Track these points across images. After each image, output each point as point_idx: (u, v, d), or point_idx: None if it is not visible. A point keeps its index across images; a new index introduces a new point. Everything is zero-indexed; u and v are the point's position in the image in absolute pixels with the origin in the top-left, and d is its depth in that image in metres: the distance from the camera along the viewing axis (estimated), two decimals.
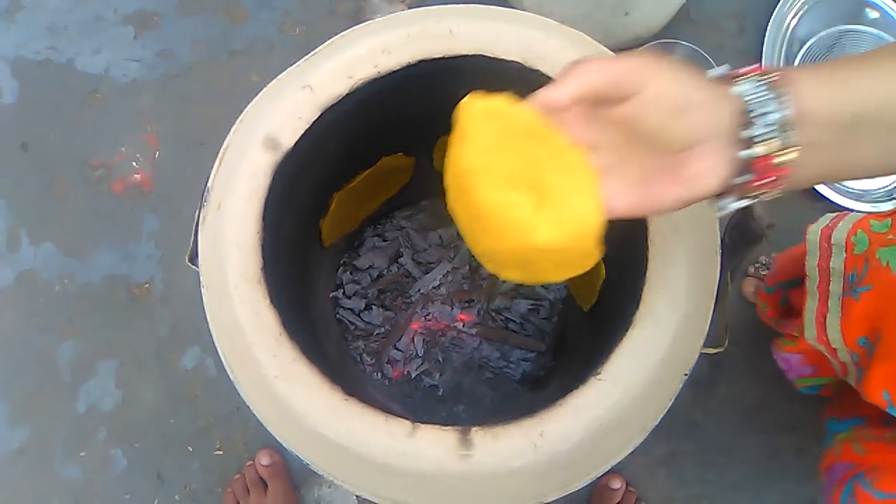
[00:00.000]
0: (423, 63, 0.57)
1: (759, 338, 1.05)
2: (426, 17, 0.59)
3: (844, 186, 1.06)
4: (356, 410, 0.52)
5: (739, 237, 0.62)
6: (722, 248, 0.58)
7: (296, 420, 0.53)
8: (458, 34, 0.57)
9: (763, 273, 1.05)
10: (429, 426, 0.51)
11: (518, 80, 0.59)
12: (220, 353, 0.57)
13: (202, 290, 0.58)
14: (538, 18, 0.59)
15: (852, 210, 1.05)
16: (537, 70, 0.57)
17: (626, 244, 0.64)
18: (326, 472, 0.55)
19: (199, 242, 0.59)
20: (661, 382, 0.54)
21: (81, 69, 1.13)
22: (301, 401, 0.52)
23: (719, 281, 0.58)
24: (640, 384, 0.53)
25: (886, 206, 1.03)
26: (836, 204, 1.05)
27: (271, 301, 0.54)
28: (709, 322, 0.57)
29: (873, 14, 1.10)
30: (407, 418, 0.52)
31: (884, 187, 1.06)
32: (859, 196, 1.05)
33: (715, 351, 0.64)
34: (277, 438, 0.56)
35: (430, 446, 0.51)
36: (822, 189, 1.05)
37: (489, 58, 0.57)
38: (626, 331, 0.54)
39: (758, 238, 0.60)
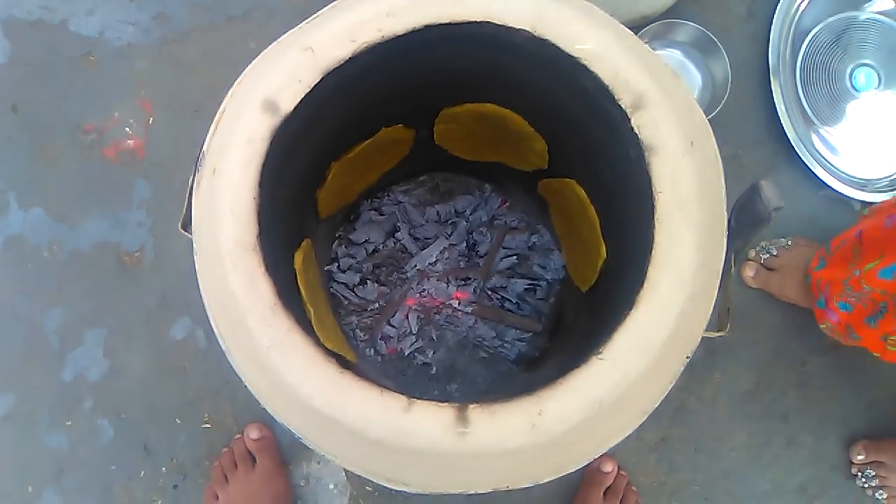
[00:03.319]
0: (429, 28, 0.55)
1: (756, 325, 1.04)
2: None
3: (847, 175, 1.05)
4: (351, 384, 0.50)
5: (746, 219, 0.61)
6: (728, 230, 0.57)
7: (288, 392, 0.51)
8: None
9: (764, 257, 1.03)
10: (425, 402, 0.50)
11: (526, 49, 0.57)
12: (212, 322, 0.56)
13: (195, 256, 0.57)
14: None
15: (853, 199, 1.04)
16: (546, 39, 0.55)
17: (629, 224, 0.63)
18: (318, 447, 0.53)
19: (193, 208, 0.57)
20: (662, 365, 0.53)
21: (75, 30, 1.10)
22: (294, 372, 0.51)
23: (724, 263, 0.57)
24: (642, 365, 0.52)
25: (889, 195, 1.03)
26: (839, 192, 1.04)
27: (266, 269, 0.52)
28: (713, 305, 0.56)
29: (886, 2, 1.09)
30: (402, 394, 0.51)
31: (887, 177, 1.05)
32: (862, 185, 1.04)
33: (717, 334, 0.63)
34: (269, 410, 0.54)
35: (426, 422, 0.50)
36: (824, 177, 1.04)
37: (497, 25, 0.55)
38: (630, 310, 0.52)
39: (765, 220, 0.59)
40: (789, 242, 1.03)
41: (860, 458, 1.01)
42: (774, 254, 1.03)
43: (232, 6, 1.10)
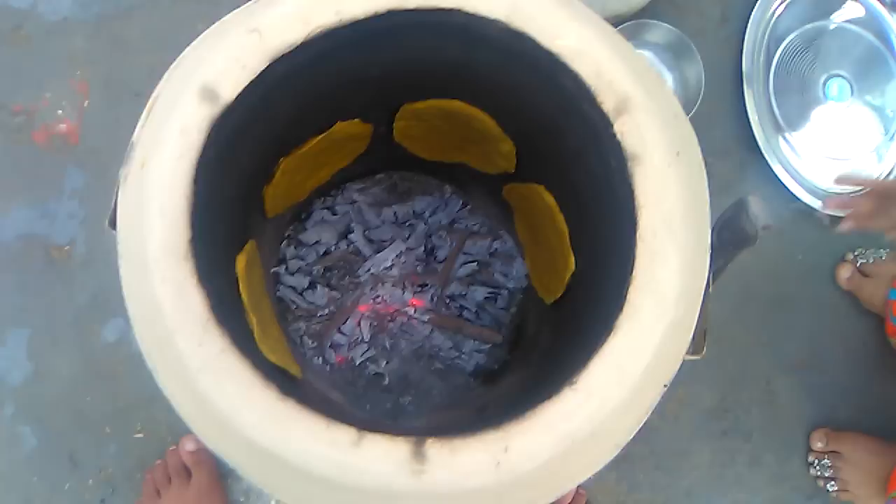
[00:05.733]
0: (392, 13, 0.50)
1: (720, 341, 1.01)
2: None
3: (818, 188, 1.02)
4: (293, 413, 0.45)
5: (730, 237, 0.57)
6: (710, 248, 0.53)
7: (221, 420, 0.45)
8: None
9: (861, 262, 1.02)
10: (377, 435, 0.44)
11: (500, 42, 0.52)
12: (137, 337, 0.49)
13: (119, 260, 0.50)
14: None
15: (823, 212, 1.02)
16: (523, 32, 0.50)
17: (604, 237, 0.58)
18: (255, 481, 0.47)
19: (119, 205, 0.50)
20: (640, 394, 0.49)
21: (3, 2, 1.01)
22: (229, 399, 0.45)
23: (706, 285, 0.53)
24: (619, 396, 0.47)
25: None
26: (809, 205, 1.01)
27: (199, 280, 0.46)
28: (693, 329, 0.52)
29: (857, 10, 1.06)
30: (352, 425, 0.45)
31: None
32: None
33: (693, 357, 0.59)
34: (199, 438, 0.48)
35: (377, 459, 0.44)
36: (795, 189, 1.01)
37: (468, 14, 0.50)
38: (607, 336, 0.47)
39: (751, 239, 0.55)
40: (885, 253, 1.03)
41: (819, 445, 1.00)
42: (870, 261, 1.02)
43: None
